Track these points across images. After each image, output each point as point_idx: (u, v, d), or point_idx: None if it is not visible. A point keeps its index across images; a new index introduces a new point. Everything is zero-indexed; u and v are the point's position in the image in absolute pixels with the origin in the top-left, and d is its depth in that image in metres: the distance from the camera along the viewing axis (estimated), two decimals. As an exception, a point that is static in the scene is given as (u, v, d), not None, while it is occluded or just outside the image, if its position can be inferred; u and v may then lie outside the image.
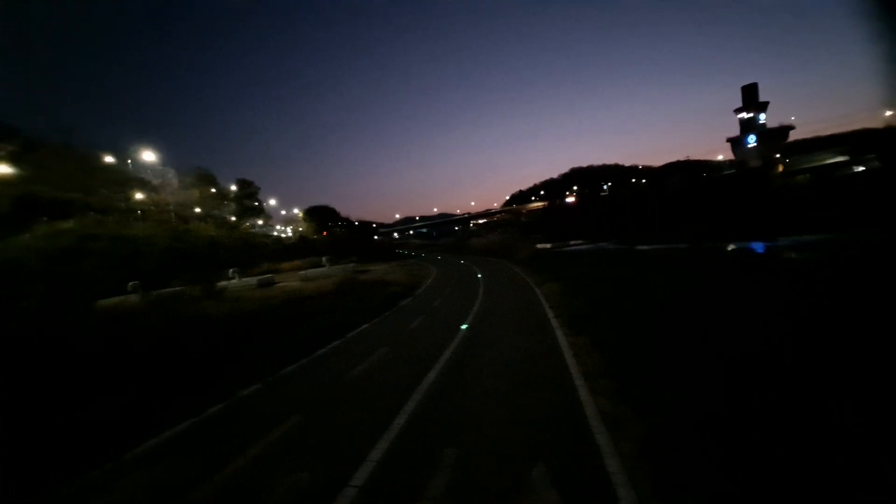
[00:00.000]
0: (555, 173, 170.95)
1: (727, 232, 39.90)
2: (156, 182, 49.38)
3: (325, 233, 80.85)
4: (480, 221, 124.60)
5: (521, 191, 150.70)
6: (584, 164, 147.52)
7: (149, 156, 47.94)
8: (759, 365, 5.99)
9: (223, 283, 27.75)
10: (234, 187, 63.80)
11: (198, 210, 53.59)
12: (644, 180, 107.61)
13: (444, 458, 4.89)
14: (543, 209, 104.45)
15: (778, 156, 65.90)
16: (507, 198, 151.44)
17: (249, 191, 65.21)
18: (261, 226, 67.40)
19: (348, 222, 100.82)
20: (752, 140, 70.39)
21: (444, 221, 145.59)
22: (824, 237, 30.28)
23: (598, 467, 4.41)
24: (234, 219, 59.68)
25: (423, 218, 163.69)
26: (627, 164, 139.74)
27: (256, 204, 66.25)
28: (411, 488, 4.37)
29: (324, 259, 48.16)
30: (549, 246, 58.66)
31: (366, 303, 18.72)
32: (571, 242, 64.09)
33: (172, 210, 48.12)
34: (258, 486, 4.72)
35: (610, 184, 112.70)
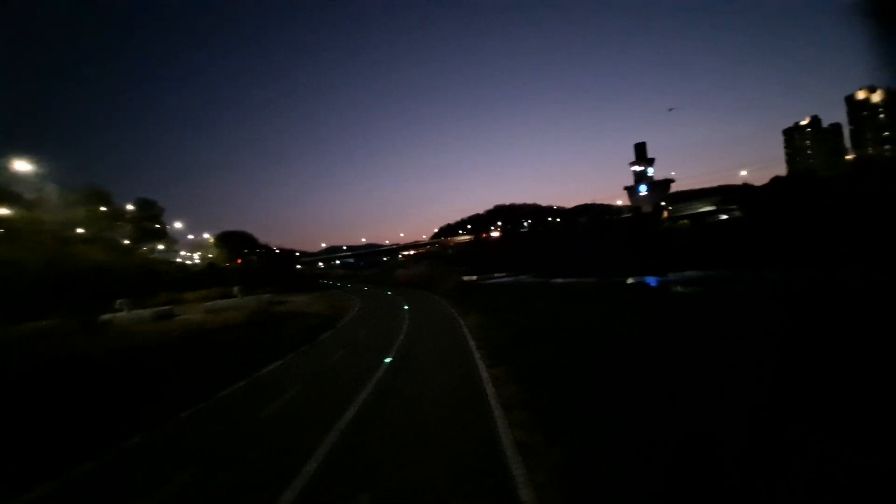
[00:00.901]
0: (481, 209, 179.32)
1: (627, 267, 44.75)
2: (30, 197, 41.86)
3: (238, 260, 74.58)
4: (409, 252, 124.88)
5: (449, 224, 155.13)
6: (508, 202, 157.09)
7: (23, 166, 40.78)
8: (663, 390, 6.60)
9: (108, 315, 23.97)
10: (131, 207, 56.51)
11: (82, 231, 46.30)
12: (558, 219, 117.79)
13: (358, 505, 4.62)
14: (469, 243, 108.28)
15: (664, 203, 76.92)
16: (436, 230, 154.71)
17: (151, 212, 58.24)
18: (162, 251, 60.16)
19: (267, 250, 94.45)
20: (643, 189, 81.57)
21: (371, 252, 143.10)
22: (701, 274, 35.57)
23: (513, 501, 4.45)
24: (128, 242, 52.51)
25: (350, 247, 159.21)
26: (544, 203, 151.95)
27: (158, 227, 59.29)
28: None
29: (235, 289, 44.18)
30: (474, 278, 60.48)
31: (280, 337, 17.44)
32: (495, 275, 66.84)
33: (49, 230, 40.94)
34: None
35: (529, 221, 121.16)
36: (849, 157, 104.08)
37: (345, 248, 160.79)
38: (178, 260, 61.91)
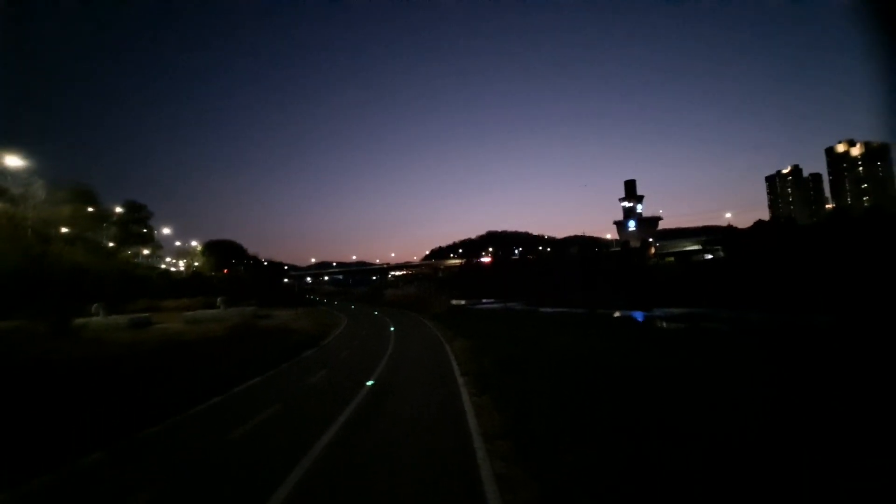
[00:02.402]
0: (473, 234, 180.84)
1: (614, 300, 45.09)
2: (16, 192, 40.98)
3: (225, 270, 73.33)
4: (399, 273, 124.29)
5: (440, 247, 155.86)
6: (500, 229, 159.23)
7: (14, 161, 40.06)
8: (645, 421, 6.56)
9: (82, 320, 23.12)
10: (119, 209, 55.68)
11: (65, 230, 45.21)
12: (549, 248, 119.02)
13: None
14: (460, 267, 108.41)
15: (651, 240, 78.59)
16: (428, 252, 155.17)
17: (139, 215, 57.50)
18: (146, 256, 58.97)
19: (255, 261, 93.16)
20: (632, 225, 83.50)
21: (361, 269, 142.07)
22: (685, 310, 35.96)
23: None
24: (112, 245, 51.40)
25: (340, 264, 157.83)
26: (536, 232, 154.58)
27: (145, 231, 58.34)
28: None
29: (219, 300, 43.22)
30: (463, 302, 60.25)
31: (262, 353, 16.96)
32: (484, 301, 66.72)
33: (31, 226, 39.92)
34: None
35: (521, 249, 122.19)
36: (828, 206, 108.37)
37: (335, 264, 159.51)
38: (163, 266, 60.67)
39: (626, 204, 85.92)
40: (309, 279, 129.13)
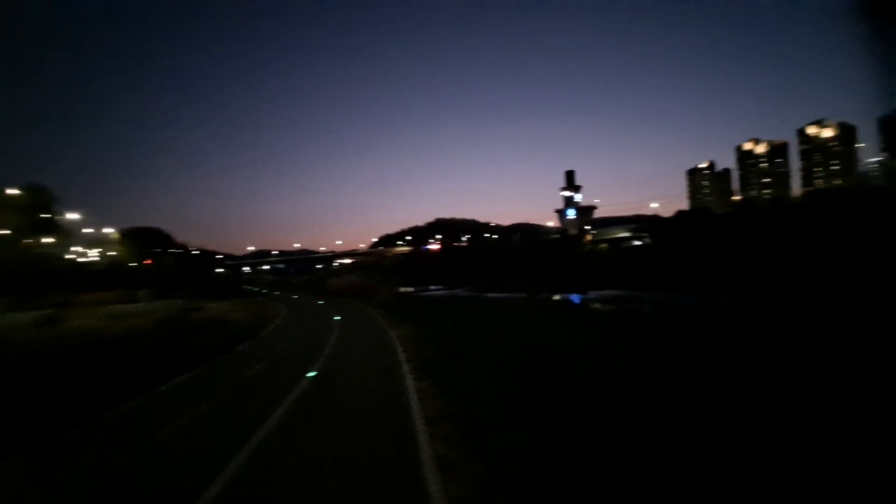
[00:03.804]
0: (421, 221, 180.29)
1: (554, 284, 47.64)
2: None
3: (149, 260, 66.98)
4: (345, 261, 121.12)
5: (388, 234, 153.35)
6: (448, 216, 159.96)
7: None
8: (581, 399, 7.10)
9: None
10: (15, 191, 48.38)
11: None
12: (495, 236, 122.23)
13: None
14: (408, 254, 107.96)
15: (588, 227, 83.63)
16: (375, 240, 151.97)
17: (41, 200, 50.44)
18: (51, 244, 52.13)
19: (184, 250, 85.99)
20: (571, 213, 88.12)
21: (304, 258, 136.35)
22: (616, 293, 39.02)
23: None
24: (8, 232, 44.75)
25: (282, 253, 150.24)
26: (482, 220, 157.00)
27: (49, 216, 51.38)
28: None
29: (143, 292, 39.54)
30: (411, 290, 60.27)
31: (193, 347, 15.96)
32: (432, 287, 67.23)
33: None
34: None
35: (468, 236, 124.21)
36: (735, 197, 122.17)
37: (277, 252, 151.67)
38: (69, 256, 54.03)
39: (566, 193, 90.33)
40: (247, 269, 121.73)
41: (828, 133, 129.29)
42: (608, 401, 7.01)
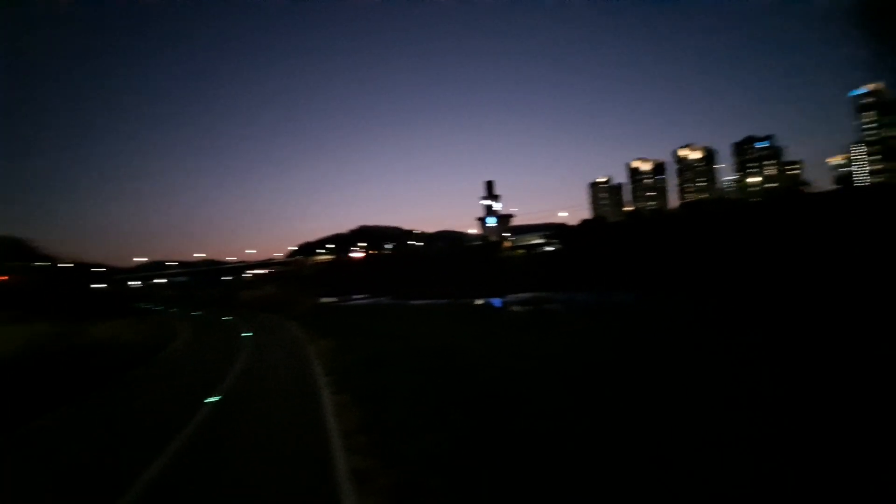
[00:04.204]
0: (344, 228, 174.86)
1: (476, 289, 49.55)
2: None
3: (5, 277, 55.34)
4: (259, 271, 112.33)
5: (308, 242, 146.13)
6: (372, 224, 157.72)
7: None
8: (499, 397, 7.52)
9: None
10: None
11: None
12: (420, 243, 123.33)
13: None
14: (330, 262, 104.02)
15: (507, 234, 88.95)
16: (294, 248, 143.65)
17: None
18: None
19: (51, 264, 72.48)
20: (491, 221, 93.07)
21: (210, 269, 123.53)
22: (532, 295, 41.95)
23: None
24: None
25: (182, 264, 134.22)
26: (407, 227, 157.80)
27: None
28: None
29: (-6, 316, 32.44)
30: (333, 300, 58.17)
31: (67, 377, 13.57)
32: (355, 296, 65.55)
33: None
34: None
35: (392, 244, 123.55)
36: (628, 208, 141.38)
37: (174, 264, 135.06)
38: None
39: (487, 202, 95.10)
40: (137, 283, 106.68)
41: (695, 155, 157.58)
42: (517, 395, 7.61)
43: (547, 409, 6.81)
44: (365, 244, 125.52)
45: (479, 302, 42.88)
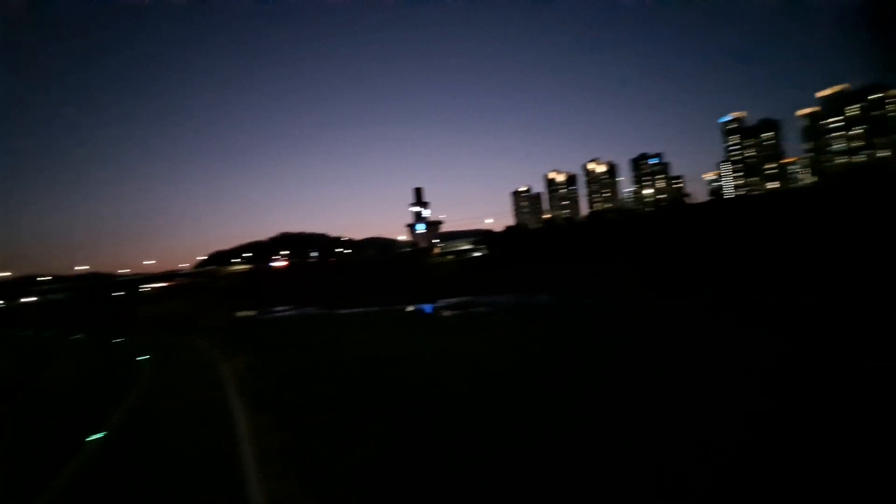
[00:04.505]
0: (264, 236, 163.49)
1: (407, 296, 49.51)
2: None
3: None
4: (161, 284, 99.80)
5: (221, 251, 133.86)
6: (296, 230, 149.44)
7: None
8: (430, 409, 7.41)
9: None
10: None
11: None
12: (349, 250, 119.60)
13: None
14: (249, 272, 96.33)
15: (436, 241, 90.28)
16: (204, 257, 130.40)
17: None
18: None
19: None
20: (421, 228, 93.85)
21: (95, 285, 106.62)
22: (461, 300, 43.04)
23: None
24: None
25: (58, 279, 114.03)
26: (334, 234, 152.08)
27: None
28: None
29: None
30: (253, 313, 53.97)
31: None
32: (278, 308, 61.54)
33: None
34: None
35: (318, 251, 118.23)
36: (546, 216, 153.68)
37: (47, 279, 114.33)
38: None
39: (416, 208, 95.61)
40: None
41: (601, 168, 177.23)
42: (444, 399, 7.71)
43: (472, 414, 6.99)
44: (287, 252, 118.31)
45: (410, 308, 42.84)
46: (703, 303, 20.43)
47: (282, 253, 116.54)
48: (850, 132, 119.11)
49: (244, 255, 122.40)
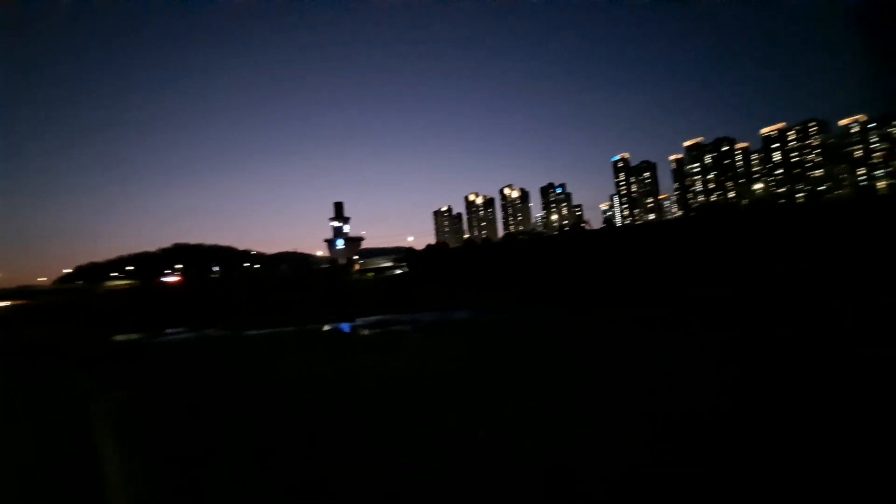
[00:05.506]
0: (153, 247, 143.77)
1: (324, 314, 47.28)
2: None
3: None
4: (7, 303, 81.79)
5: (94, 263, 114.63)
6: (193, 242, 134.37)
7: None
8: (344, 431, 7.37)
9: None
10: None
11: None
12: (259, 265, 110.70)
13: None
14: (134, 288, 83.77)
15: (356, 257, 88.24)
16: (69, 271, 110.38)
17: None
18: None
19: None
20: (340, 243, 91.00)
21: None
22: (381, 318, 42.38)
23: None
24: None
25: None
26: (241, 247, 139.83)
27: None
28: None
29: None
30: (137, 336, 46.71)
31: None
32: (170, 330, 54.16)
33: None
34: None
35: (221, 266, 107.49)
36: (466, 235, 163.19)
37: None
38: None
39: (335, 223, 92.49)
40: None
41: (515, 194, 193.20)
42: (359, 420, 7.63)
43: (389, 433, 7.05)
44: (181, 266, 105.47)
45: (328, 327, 40.91)
46: (602, 315, 23.46)
47: (176, 267, 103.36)
48: (707, 177, 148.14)
49: (127, 268, 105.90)
